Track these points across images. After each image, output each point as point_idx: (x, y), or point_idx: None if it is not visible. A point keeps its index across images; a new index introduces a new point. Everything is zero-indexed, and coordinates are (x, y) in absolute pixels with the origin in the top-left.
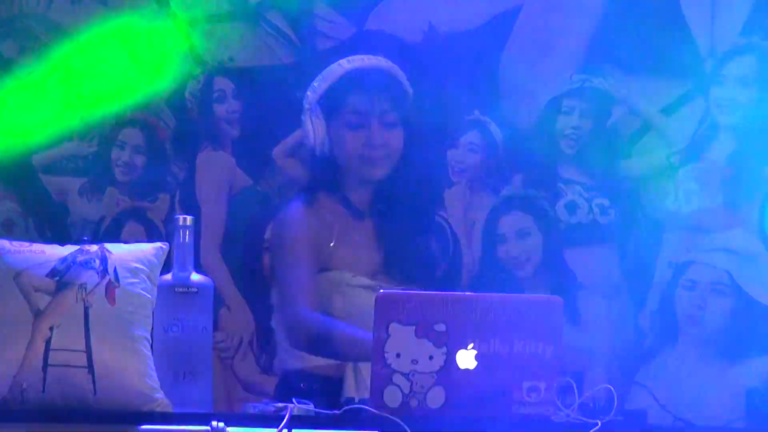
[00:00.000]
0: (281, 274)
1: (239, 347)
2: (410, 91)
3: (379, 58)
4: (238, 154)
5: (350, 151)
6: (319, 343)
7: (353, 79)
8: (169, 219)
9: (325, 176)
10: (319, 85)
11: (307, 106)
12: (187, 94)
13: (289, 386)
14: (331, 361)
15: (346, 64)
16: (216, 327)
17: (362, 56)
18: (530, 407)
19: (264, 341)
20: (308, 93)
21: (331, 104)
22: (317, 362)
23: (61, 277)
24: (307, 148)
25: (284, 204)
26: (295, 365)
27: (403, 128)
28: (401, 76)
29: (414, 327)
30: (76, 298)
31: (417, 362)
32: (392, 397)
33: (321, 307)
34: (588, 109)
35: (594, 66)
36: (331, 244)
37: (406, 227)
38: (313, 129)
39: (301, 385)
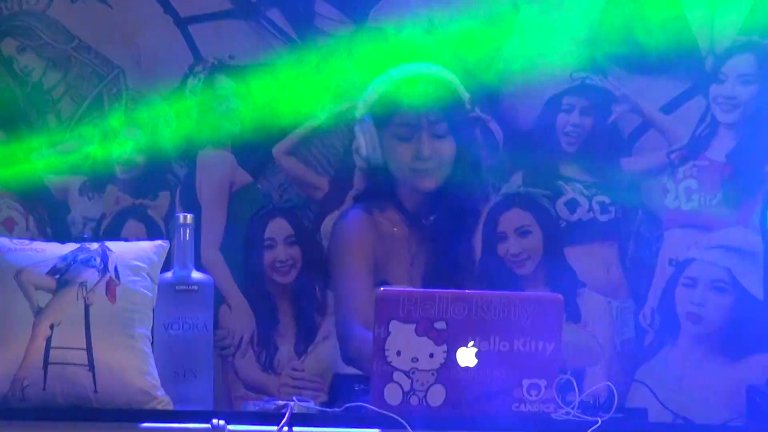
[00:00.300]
0: (339, 284)
1: (240, 345)
2: (466, 96)
3: (431, 65)
4: (238, 152)
5: (401, 162)
6: (366, 362)
7: (403, 90)
8: (170, 217)
9: (380, 185)
10: (369, 95)
11: (358, 116)
12: (187, 93)
13: (344, 388)
14: None
15: (395, 74)
16: (216, 325)
17: (414, 65)
18: (530, 405)
19: (265, 339)
20: (359, 104)
21: (381, 115)
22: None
23: (61, 275)
24: (361, 157)
25: (344, 211)
26: (350, 369)
27: (455, 137)
28: (454, 82)
29: (414, 325)
30: (77, 296)
31: (417, 360)
32: (393, 395)
33: None
34: (588, 106)
35: (594, 64)
36: (395, 229)
37: (456, 236)
38: (365, 139)
39: (356, 387)
